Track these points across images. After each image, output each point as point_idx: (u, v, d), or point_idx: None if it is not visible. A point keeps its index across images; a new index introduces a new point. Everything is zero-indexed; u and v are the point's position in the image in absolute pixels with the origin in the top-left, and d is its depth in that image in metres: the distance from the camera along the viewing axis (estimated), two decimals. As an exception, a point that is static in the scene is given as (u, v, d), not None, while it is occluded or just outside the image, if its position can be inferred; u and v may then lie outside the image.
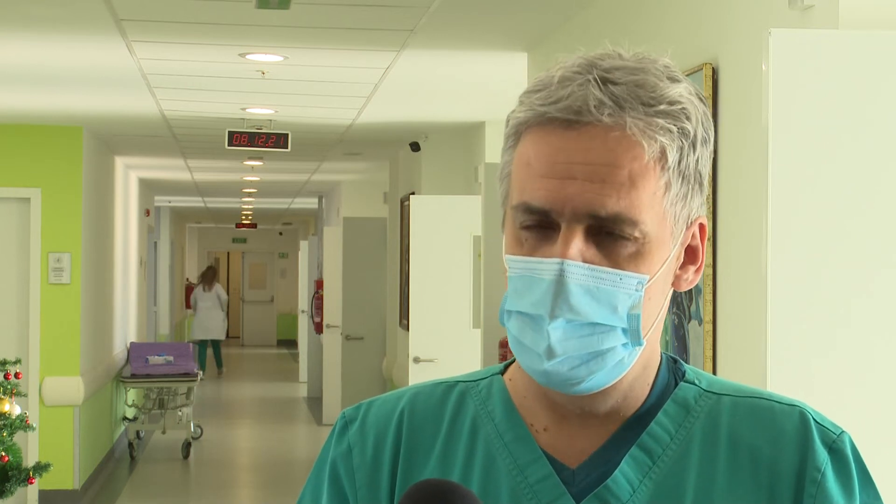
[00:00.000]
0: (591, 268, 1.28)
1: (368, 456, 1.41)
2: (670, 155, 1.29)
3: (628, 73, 1.29)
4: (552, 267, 1.27)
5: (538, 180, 1.29)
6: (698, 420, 1.37)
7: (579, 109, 1.27)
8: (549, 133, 1.29)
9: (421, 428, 1.41)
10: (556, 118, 1.28)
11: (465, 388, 1.43)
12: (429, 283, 9.20)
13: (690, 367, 1.42)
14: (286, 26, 6.01)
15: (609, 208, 1.27)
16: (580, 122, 1.28)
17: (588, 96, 1.27)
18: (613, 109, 1.27)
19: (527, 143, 1.32)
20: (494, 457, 1.37)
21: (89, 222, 10.44)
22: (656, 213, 1.30)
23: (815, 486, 1.33)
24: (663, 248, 1.31)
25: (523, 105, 1.32)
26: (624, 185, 1.28)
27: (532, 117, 1.31)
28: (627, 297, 1.29)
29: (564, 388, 1.30)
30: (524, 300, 1.29)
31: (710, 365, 3.85)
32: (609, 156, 1.28)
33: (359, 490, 1.40)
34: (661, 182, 1.29)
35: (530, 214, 1.30)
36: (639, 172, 1.28)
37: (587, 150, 1.28)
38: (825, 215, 2.91)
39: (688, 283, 1.37)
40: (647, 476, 1.34)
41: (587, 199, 1.27)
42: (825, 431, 1.36)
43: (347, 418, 1.45)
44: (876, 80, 2.93)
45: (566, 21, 5.78)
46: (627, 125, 1.27)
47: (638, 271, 1.29)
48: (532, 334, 1.29)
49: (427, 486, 1.25)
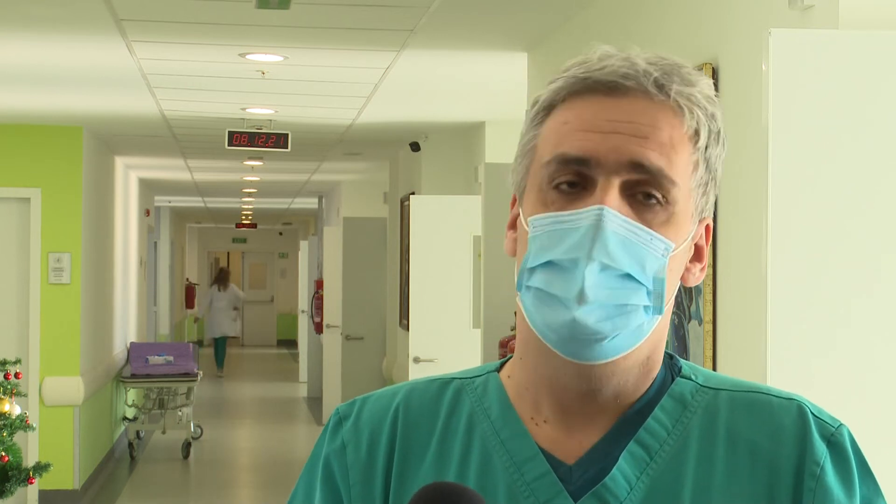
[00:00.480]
0: (628, 220, 1.29)
1: (363, 453, 1.40)
2: (702, 134, 1.33)
3: (662, 58, 1.33)
4: (590, 214, 1.28)
5: (578, 133, 1.31)
6: (695, 415, 1.36)
7: (626, 74, 1.30)
8: (588, 99, 1.32)
9: (416, 425, 1.40)
10: (600, 82, 1.31)
11: (461, 384, 1.42)
12: (429, 283, 9.20)
13: (686, 363, 1.42)
14: (286, 26, 6.01)
15: (653, 161, 1.29)
16: (625, 88, 1.30)
17: (635, 66, 1.31)
18: (659, 79, 1.31)
19: (561, 112, 1.34)
20: (491, 454, 1.36)
21: (89, 222, 10.44)
22: (686, 186, 1.32)
23: (815, 480, 1.33)
24: (686, 226, 1.33)
25: (560, 79, 1.34)
26: (666, 145, 1.30)
27: (572, 84, 1.33)
28: (655, 259, 1.30)
29: (586, 346, 1.28)
30: (555, 250, 1.29)
31: (710, 365, 3.85)
32: (652, 118, 1.30)
33: (352, 487, 1.39)
34: (692, 158, 1.32)
35: (565, 167, 1.30)
36: (678, 139, 1.31)
37: (630, 111, 1.30)
38: (825, 215, 2.91)
39: (694, 279, 1.38)
40: (645, 472, 1.33)
41: (631, 150, 1.29)
42: (823, 425, 1.36)
43: (341, 415, 1.44)
44: (876, 80, 2.93)
45: (566, 21, 5.79)
46: (672, 94, 1.31)
47: (667, 237, 1.31)
48: (562, 281, 1.27)
49: (437, 489, 1.25)
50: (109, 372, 11.73)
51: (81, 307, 10.05)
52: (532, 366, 1.36)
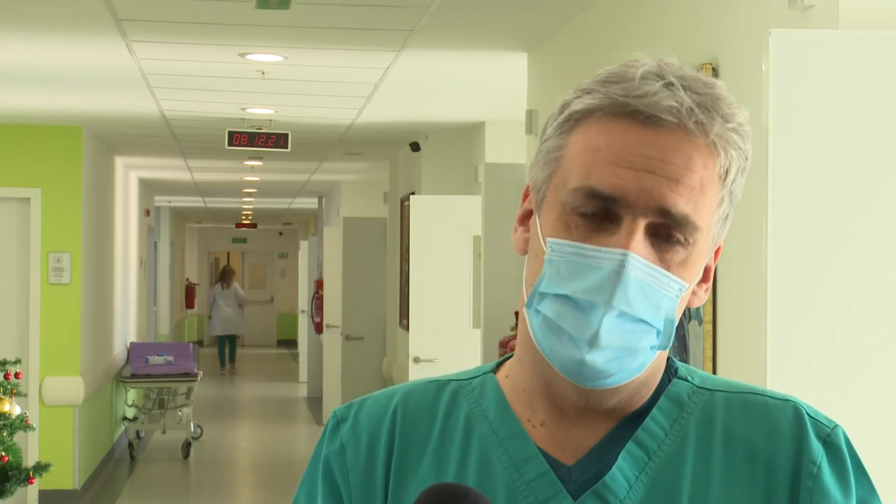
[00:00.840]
0: (650, 265, 1.28)
1: (362, 454, 1.40)
2: (732, 173, 1.31)
3: (704, 85, 1.30)
4: (615, 257, 1.26)
5: (609, 167, 1.28)
6: (692, 416, 1.37)
7: (668, 109, 1.27)
8: (623, 125, 1.29)
9: (414, 426, 1.40)
10: (638, 112, 1.28)
11: (458, 386, 1.43)
12: (429, 283, 9.20)
13: (682, 364, 1.43)
14: (286, 26, 6.01)
15: (680, 207, 1.27)
16: (663, 121, 1.27)
17: (677, 98, 1.27)
18: (700, 117, 1.28)
19: (593, 130, 1.30)
20: (489, 455, 1.37)
21: (89, 222, 10.44)
22: (708, 226, 1.31)
23: (812, 480, 1.33)
24: (701, 260, 1.33)
25: (596, 93, 1.30)
26: (695, 189, 1.28)
27: (608, 105, 1.29)
28: (669, 301, 1.29)
29: (589, 380, 1.29)
30: (572, 285, 1.27)
31: (710, 365, 3.85)
32: (686, 158, 1.28)
33: (353, 489, 1.40)
34: (718, 196, 1.31)
35: (592, 200, 1.28)
36: (708, 181, 1.29)
37: (666, 148, 1.28)
38: (825, 215, 2.91)
39: (698, 301, 1.37)
40: (643, 472, 1.34)
41: (662, 195, 1.27)
42: (819, 425, 1.36)
43: (339, 417, 1.44)
44: (876, 80, 2.93)
45: (566, 21, 5.79)
46: (711, 134, 1.28)
47: (682, 278, 1.30)
48: (576, 320, 1.27)
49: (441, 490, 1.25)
50: (109, 372, 11.73)
51: (81, 307, 10.05)
52: (530, 369, 1.37)
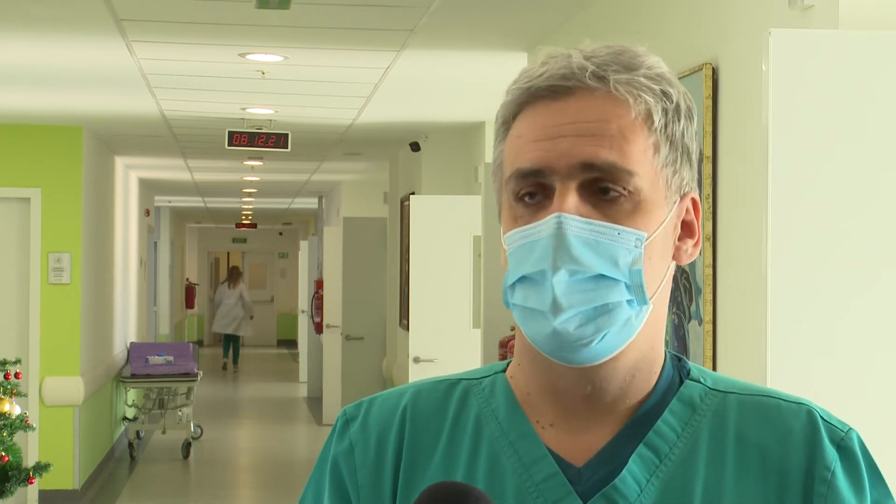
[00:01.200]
0: (589, 221, 1.28)
1: (371, 454, 1.40)
2: (655, 116, 1.31)
3: (608, 48, 1.34)
4: (549, 223, 1.28)
5: (529, 145, 1.32)
6: (705, 418, 1.36)
7: (563, 75, 1.31)
8: (537, 108, 1.33)
9: (424, 426, 1.40)
10: (542, 89, 1.32)
11: (468, 386, 1.42)
12: (429, 283, 9.20)
13: (695, 365, 1.42)
14: (286, 26, 6.01)
15: (603, 157, 1.29)
16: (566, 88, 1.31)
17: (571, 64, 1.31)
18: (596, 71, 1.31)
19: (517, 125, 1.35)
20: (499, 455, 1.36)
21: (89, 222, 10.44)
22: (648, 171, 1.31)
23: (826, 485, 1.33)
24: (659, 210, 1.32)
25: (509, 94, 1.36)
26: (615, 138, 1.30)
27: (518, 96, 1.34)
28: (627, 252, 1.29)
29: (575, 351, 1.28)
30: (524, 264, 1.29)
31: (710, 365, 3.85)
32: (597, 113, 1.30)
33: (361, 488, 1.39)
34: (649, 142, 1.31)
35: (523, 180, 1.31)
36: (628, 127, 1.30)
37: (575, 111, 1.30)
38: (825, 215, 2.91)
39: (688, 257, 1.37)
40: (655, 475, 1.33)
41: (580, 152, 1.29)
42: (833, 429, 1.35)
43: (349, 416, 1.43)
44: (876, 80, 2.93)
45: (566, 21, 5.79)
46: (611, 84, 1.30)
47: (636, 227, 1.30)
48: (536, 294, 1.28)
49: (442, 488, 1.25)
50: (109, 372, 11.73)
51: (81, 307, 10.05)
52: (531, 372, 1.37)
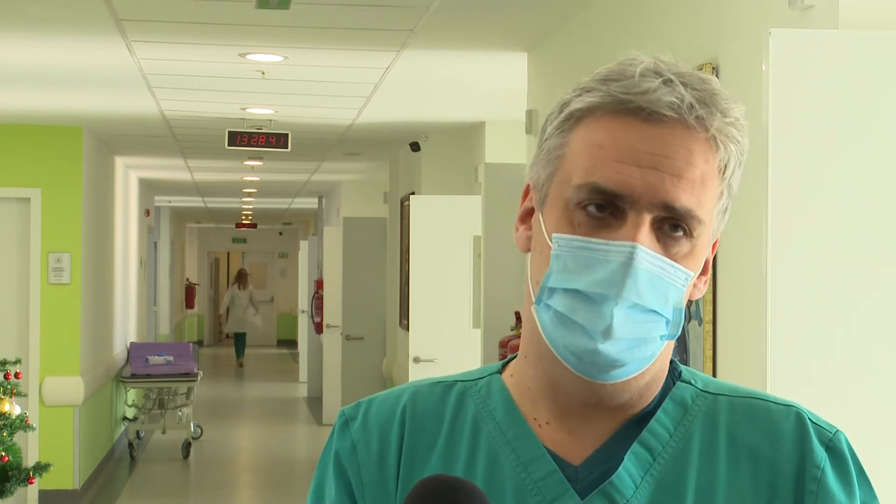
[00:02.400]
0: (658, 257, 1.30)
1: (374, 452, 1.41)
2: (731, 166, 1.34)
3: (700, 81, 1.32)
4: (623, 249, 1.29)
5: (613, 164, 1.30)
6: (696, 419, 1.38)
7: (669, 105, 1.29)
8: (625, 122, 1.31)
9: (422, 426, 1.41)
10: (640, 108, 1.30)
11: (464, 387, 1.44)
12: (429, 283, 9.19)
13: (685, 367, 1.44)
14: (286, 26, 6.01)
15: (683, 202, 1.30)
16: (664, 117, 1.30)
17: (676, 94, 1.30)
18: (700, 112, 1.30)
19: (595, 128, 1.32)
20: (497, 454, 1.38)
21: (89, 222, 10.44)
22: (710, 218, 1.34)
23: (816, 484, 1.35)
24: (703, 252, 1.35)
25: (597, 91, 1.32)
26: (697, 184, 1.31)
27: (610, 103, 1.31)
28: (676, 290, 1.32)
29: (602, 371, 1.30)
30: (582, 279, 1.29)
31: (710, 365, 3.85)
32: (688, 153, 1.30)
33: (366, 486, 1.40)
34: (718, 189, 1.34)
35: (597, 195, 1.30)
36: (709, 175, 1.32)
37: (668, 144, 1.30)
38: (825, 215, 2.91)
39: (699, 293, 1.40)
40: (649, 473, 1.35)
41: (666, 191, 1.29)
42: (821, 430, 1.38)
43: (348, 416, 1.45)
44: (876, 80, 2.93)
45: (566, 21, 5.79)
46: (711, 130, 1.30)
47: (687, 268, 1.33)
48: (589, 313, 1.29)
49: (434, 481, 1.26)
50: (109, 372, 11.73)
51: (81, 307, 10.05)
52: (535, 367, 1.38)
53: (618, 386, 1.34)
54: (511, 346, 6.87)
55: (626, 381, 1.33)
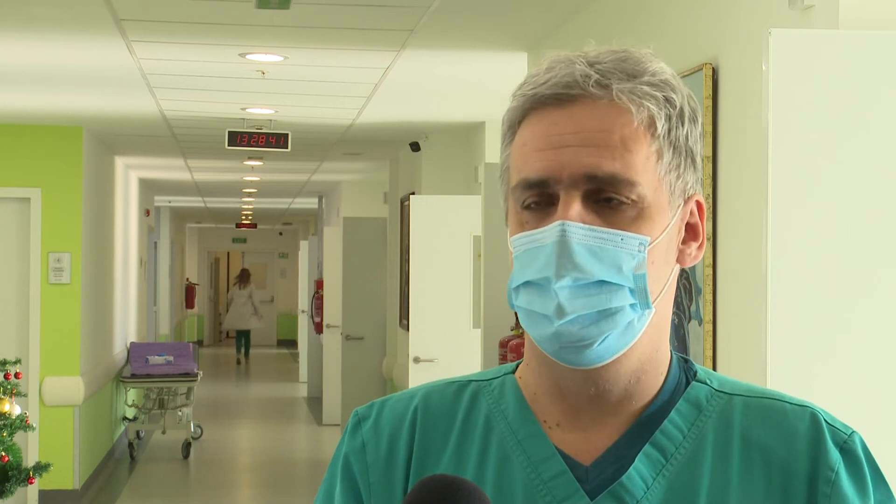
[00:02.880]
0: (592, 228, 1.30)
1: (382, 453, 1.42)
2: (658, 122, 1.33)
3: (612, 54, 1.35)
4: (553, 230, 1.30)
5: (533, 154, 1.33)
6: (710, 419, 1.38)
7: (567, 84, 1.32)
8: (542, 115, 1.34)
9: (434, 426, 1.42)
10: (546, 97, 1.33)
11: (478, 387, 1.44)
12: (429, 283, 9.19)
13: (701, 367, 1.44)
14: (286, 26, 6.01)
15: (605, 169, 1.31)
16: (569, 97, 1.32)
17: (574, 72, 1.32)
18: (600, 80, 1.32)
19: (523, 131, 1.36)
20: (508, 454, 1.38)
21: (89, 222, 10.44)
22: (651, 178, 1.33)
23: (830, 486, 1.34)
24: (662, 215, 1.34)
25: (515, 99, 1.37)
26: (617, 148, 1.31)
27: (523, 103, 1.35)
28: (631, 257, 1.31)
29: (577, 352, 1.31)
30: (529, 269, 1.32)
31: (710, 365, 3.85)
32: (600, 122, 1.32)
33: (372, 486, 1.41)
34: (652, 149, 1.33)
35: (529, 190, 1.33)
36: (630, 136, 1.32)
37: (578, 119, 1.32)
38: (825, 215, 2.91)
39: (692, 259, 1.39)
40: (661, 474, 1.35)
41: (583, 163, 1.31)
42: (836, 432, 1.37)
43: (361, 416, 1.46)
44: (876, 81, 2.93)
45: (566, 21, 5.79)
46: (614, 92, 1.32)
47: (639, 233, 1.32)
48: (540, 299, 1.31)
49: (432, 481, 1.26)
50: (109, 372, 11.73)
51: (81, 307, 10.05)
52: (538, 372, 1.39)
53: (609, 370, 1.34)
54: (511, 346, 6.87)
55: (615, 363, 1.33)
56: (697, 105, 1.38)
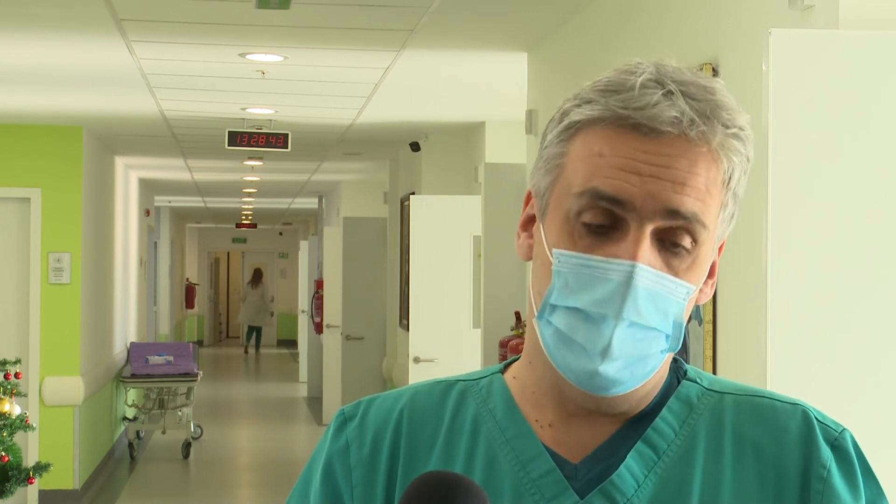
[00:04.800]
0: (659, 274, 1.29)
1: (366, 453, 1.41)
2: (735, 177, 1.33)
3: (703, 90, 1.31)
4: (623, 268, 1.28)
5: (613, 171, 1.29)
6: (701, 417, 1.38)
7: (670, 121, 1.28)
8: (625, 134, 1.29)
9: (421, 426, 1.41)
10: (640, 125, 1.29)
11: (465, 386, 1.43)
12: (429, 283, 9.19)
13: (691, 367, 1.44)
14: (286, 26, 6.01)
15: (689, 206, 1.29)
16: (665, 133, 1.29)
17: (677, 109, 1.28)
18: (702, 127, 1.29)
19: (594, 138, 1.31)
20: (496, 453, 1.37)
21: (89, 222, 10.44)
22: (714, 226, 1.33)
23: (822, 483, 1.35)
24: (707, 261, 1.34)
25: (596, 104, 1.31)
26: (701, 190, 1.30)
27: (609, 117, 1.30)
28: (677, 304, 1.31)
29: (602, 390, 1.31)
30: (582, 297, 1.29)
31: (710, 365, 3.85)
32: (690, 164, 1.29)
33: (355, 488, 1.40)
34: (722, 199, 1.33)
35: (597, 203, 1.29)
36: (712, 185, 1.31)
37: (669, 156, 1.29)
38: (825, 215, 2.91)
39: (705, 297, 1.39)
40: (652, 471, 1.35)
41: (668, 197, 1.28)
42: (827, 429, 1.38)
43: (346, 415, 1.44)
44: (876, 81, 2.93)
45: (566, 21, 5.79)
46: (714, 143, 1.29)
47: (689, 281, 1.31)
48: (587, 332, 1.28)
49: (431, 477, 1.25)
50: (109, 372, 11.73)
51: (81, 307, 10.05)
52: (541, 373, 1.38)
53: (617, 398, 1.34)
54: (511, 347, 6.87)
55: (625, 392, 1.33)
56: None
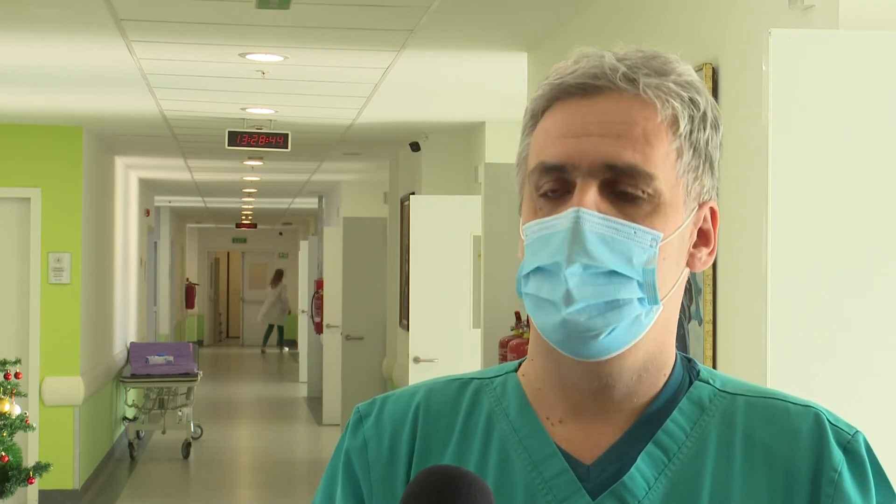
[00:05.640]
0: (606, 217, 1.30)
1: (385, 450, 1.41)
2: (681, 122, 1.33)
3: (641, 52, 1.35)
4: (568, 217, 1.30)
5: (555, 140, 1.33)
6: (713, 419, 1.37)
7: (594, 74, 1.33)
8: (566, 104, 1.34)
9: (436, 423, 1.41)
10: (572, 86, 1.33)
11: (480, 384, 1.44)
12: (429, 283, 9.19)
13: (704, 367, 1.43)
14: (286, 26, 6.01)
15: (625, 159, 1.31)
16: (595, 87, 1.33)
17: (603, 64, 1.33)
18: (627, 73, 1.32)
19: (546, 120, 1.36)
20: (509, 453, 1.37)
21: (89, 222, 10.44)
22: (669, 175, 1.33)
23: (833, 487, 1.34)
24: (677, 214, 1.34)
25: (541, 88, 1.37)
26: (639, 140, 1.31)
27: (548, 92, 1.35)
28: (642, 251, 1.31)
29: (583, 343, 1.30)
30: (541, 255, 1.31)
31: (710, 365, 3.85)
32: (624, 114, 1.32)
33: (374, 484, 1.40)
34: (672, 147, 1.33)
35: (546, 174, 1.33)
36: (652, 131, 1.32)
37: (602, 110, 1.32)
38: (825, 215, 2.91)
39: (701, 264, 1.39)
40: (663, 473, 1.34)
41: (603, 152, 1.31)
42: (840, 432, 1.37)
43: (362, 413, 1.45)
44: (876, 80, 2.93)
45: (566, 21, 5.79)
46: (640, 87, 1.32)
47: (653, 228, 1.32)
48: (549, 285, 1.30)
49: (435, 471, 1.25)
50: (109, 372, 11.73)
51: (81, 307, 10.05)
52: (542, 366, 1.38)
53: (613, 365, 1.33)
54: (511, 347, 6.87)
55: (619, 358, 1.33)
56: (720, 114, 1.38)
